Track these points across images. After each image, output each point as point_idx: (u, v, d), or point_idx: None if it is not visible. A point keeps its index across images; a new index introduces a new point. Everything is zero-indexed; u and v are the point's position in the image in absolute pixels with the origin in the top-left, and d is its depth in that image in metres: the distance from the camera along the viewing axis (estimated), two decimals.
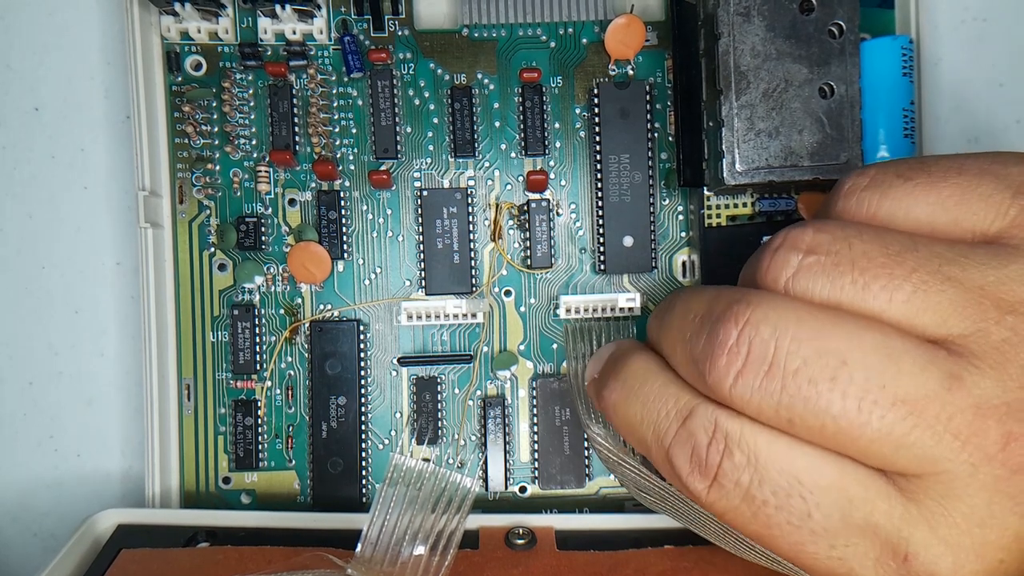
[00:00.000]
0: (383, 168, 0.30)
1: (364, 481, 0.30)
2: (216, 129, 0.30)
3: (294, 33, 0.30)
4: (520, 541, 0.27)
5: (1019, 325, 0.17)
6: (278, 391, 0.31)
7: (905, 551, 0.18)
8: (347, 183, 0.31)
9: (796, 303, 0.19)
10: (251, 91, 0.30)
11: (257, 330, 0.30)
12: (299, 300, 0.31)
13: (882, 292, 0.18)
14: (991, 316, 0.18)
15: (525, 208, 0.30)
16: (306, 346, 0.30)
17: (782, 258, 0.19)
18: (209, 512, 0.29)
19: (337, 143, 0.30)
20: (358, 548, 0.24)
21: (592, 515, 0.29)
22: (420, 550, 0.23)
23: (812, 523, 0.19)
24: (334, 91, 0.30)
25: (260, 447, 0.31)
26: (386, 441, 0.31)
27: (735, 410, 0.19)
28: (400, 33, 0.30)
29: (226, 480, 0.31)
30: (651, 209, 0.30)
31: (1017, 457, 0.17)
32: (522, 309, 0.31)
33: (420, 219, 0.30)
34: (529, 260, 0.30)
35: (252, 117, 0.30)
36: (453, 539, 0.23)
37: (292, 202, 0.31)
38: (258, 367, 0.30)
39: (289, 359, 0.31)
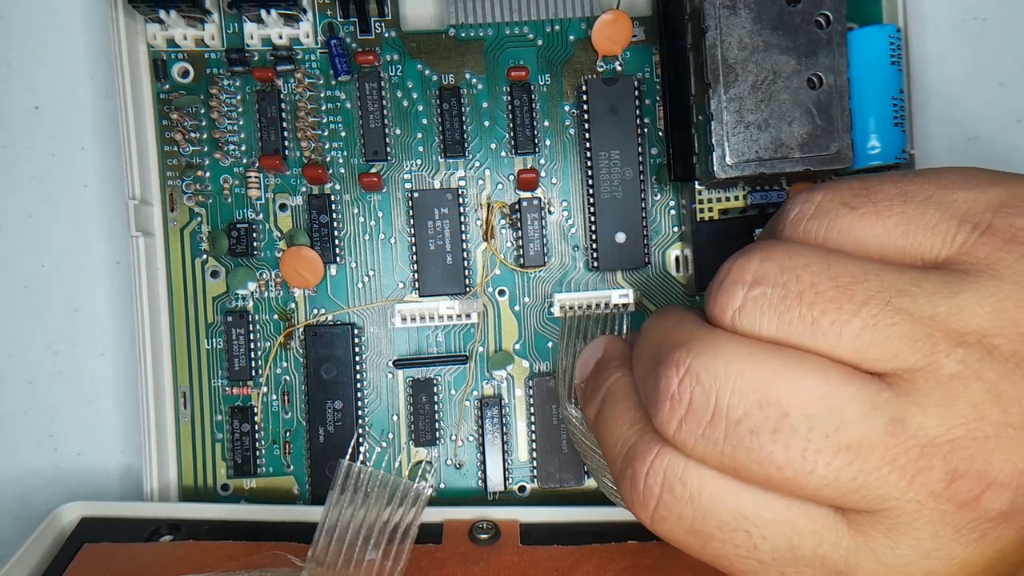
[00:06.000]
0: (373, 170, 0.30)
1: None
2: (205, 136, 0.30)
3: (280, 38, 0.30)
4: (484, 536, 0.27)
5: (968, 357, 0.17)
6: (274, 397, 0.31)
7: None
8: (337, 186, 0.30)
9: (739, 346, 0.19)
10: (239, 97, 0.30)
11: (251, 336, 0.30)
12: (292, 305, 0.31)
13: (831, 328, 0.18)
14: (941, 349, 0.17)
15: (517, 207, 0.30)
16: (301, 351, 0.30)
17: (727, 291, 0.19)
18: (172, 505, 0.29)
19: (326, 147, 0.30)
20: (310, 552, 0.23)
21: (557, 507, 0.29)
22: (373, 555, 0.23)
23: (759, 554, 0.19)
24: (322, 95, 0.30)
25: (258, 453, 0.31)
26: (383, 444, 0.31)
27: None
28: (387, 35, 0.30)
29: (224, 487, 0.31)
30: (643, 204, 0.30)
31: (962, 494, 0.17)
32: (516, 308, 0.31)
33: (412, 220, 0.30)
34: (522, 259, 0.30)
35: (241, 123, 0.30)
36: (407, 541, 0.23)
37: (283, 207, 0.30)
38: (253, 373, 0.30)
39: (284, 364, 0.31)
